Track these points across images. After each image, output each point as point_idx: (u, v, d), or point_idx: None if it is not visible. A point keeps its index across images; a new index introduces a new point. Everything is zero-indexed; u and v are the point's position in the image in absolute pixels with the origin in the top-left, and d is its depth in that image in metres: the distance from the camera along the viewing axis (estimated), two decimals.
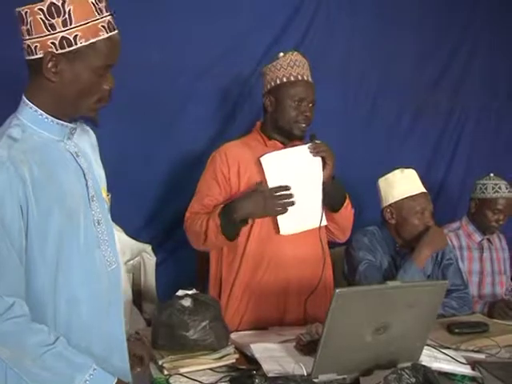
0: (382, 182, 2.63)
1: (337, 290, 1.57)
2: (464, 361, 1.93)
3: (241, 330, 2.26)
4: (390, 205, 2.58)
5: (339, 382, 1.71)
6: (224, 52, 3.03)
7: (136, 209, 2.91)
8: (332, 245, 2.62)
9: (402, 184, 2.57)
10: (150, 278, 2.79)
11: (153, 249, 2.82)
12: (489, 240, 3.07)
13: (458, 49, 3.72)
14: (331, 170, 2.35)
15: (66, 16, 1.32)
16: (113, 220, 1.65)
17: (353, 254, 2.53)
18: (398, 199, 2.56)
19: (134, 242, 2.69)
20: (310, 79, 2.43)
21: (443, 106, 3.72)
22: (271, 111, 2.42)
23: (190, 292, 2.00)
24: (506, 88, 3.89)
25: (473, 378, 1.84)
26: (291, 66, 2.40)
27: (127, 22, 2.60)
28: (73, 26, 1.33)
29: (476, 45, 3.75)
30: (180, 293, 2.01)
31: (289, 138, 2.43)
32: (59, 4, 1.32)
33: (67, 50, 1.35)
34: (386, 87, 3.48)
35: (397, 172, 2.60)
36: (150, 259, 2.78)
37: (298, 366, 1.70)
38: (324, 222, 2.39)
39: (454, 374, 1.85)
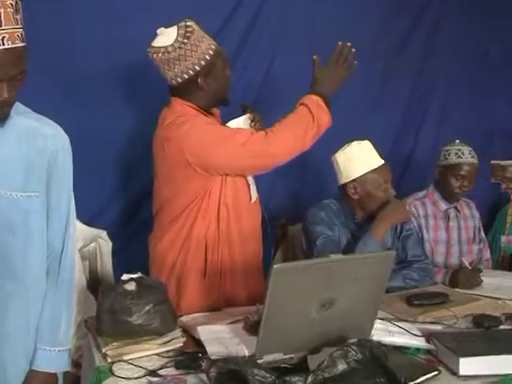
0: (340, 156, 2.53)
1: (274, 266, 1.49)
2: (419, 333, 1.87)
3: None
4: (353, 180, 2.48)
5: (285, 361, 1.63)
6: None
7: (91, 194, 2.79)
8: (291, 222, 2.56)
9: (362, 157, 2.49)
10: (106, 263, 2.72)
11: (109, 234, 2.73)
12: (456, 208, 3.01)
13: (426, 9, 3.63)
14: None
15: None
16: None
17: (310, 230, 2.45)
18: (361, 174, 2.47)
19: (86, 227, 2.61)
20: None
21: (411, 70, 3.62)
22: (211, 87, 2.26)
23: (134, 276, 1.93)
24: (475, 53, 3.79)
25: (428, 351, 1.78)
26: (205, 37, 2.25)
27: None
28: None
29: (445, 4, 3.65)
30: (125, 277, 1.94)
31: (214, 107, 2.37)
32: None
33: None
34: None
35: (354, 144, 2.51)
36: (106, 244, 2.71)
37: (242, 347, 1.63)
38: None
39: (407, 348, 1.79)
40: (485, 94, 3.84)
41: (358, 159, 2.48)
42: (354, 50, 2.29)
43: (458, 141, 2.97)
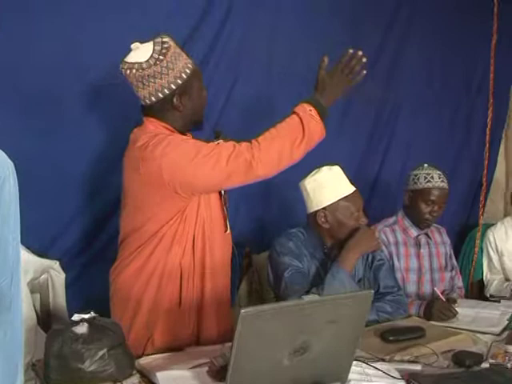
0: (309, 183, 2.37)
1: (242, 311, 1.34)
2: (397, 375, 1.74)
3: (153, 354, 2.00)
4: (323, 208, 2.34)
5: None
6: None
7: (43, 222, 2.58)
8: (255, 250, 2.42)
9: (333, 184, 2.35)
10: (59, 296, 2.51)
11: (62, 265, 2.54)
12: (427, 235, 2.91)
13: (389, 35, 3.55)
14: None
15: None
16: None
17: (278, 260, 2.31)
18: (332, 201, 2.32)
19: (37, 258, 2.41)
20: None
21: (375, 95, 3.52)
22: (187, 107, 2.10)
23: (86, 316, 1.75)
24: (441, 75, 3.75)
25: None
26: (182, 54, 2.10)
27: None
28: None
29: (407, 32, 3.59)
30: (76, 317, 1.76)
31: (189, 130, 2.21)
32: None
33: None
34: (313, 77, 3.27)
35: (325, 170, 2.37)
36: (59, 276, 2.49)
37: None
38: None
39: None
40: (452, 117, 3.79)
41: (329, 186, 2.34)
42: (364, 59, 2.11)
43: (426, 165, 2.88)
